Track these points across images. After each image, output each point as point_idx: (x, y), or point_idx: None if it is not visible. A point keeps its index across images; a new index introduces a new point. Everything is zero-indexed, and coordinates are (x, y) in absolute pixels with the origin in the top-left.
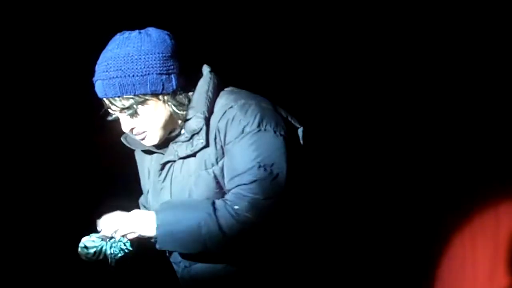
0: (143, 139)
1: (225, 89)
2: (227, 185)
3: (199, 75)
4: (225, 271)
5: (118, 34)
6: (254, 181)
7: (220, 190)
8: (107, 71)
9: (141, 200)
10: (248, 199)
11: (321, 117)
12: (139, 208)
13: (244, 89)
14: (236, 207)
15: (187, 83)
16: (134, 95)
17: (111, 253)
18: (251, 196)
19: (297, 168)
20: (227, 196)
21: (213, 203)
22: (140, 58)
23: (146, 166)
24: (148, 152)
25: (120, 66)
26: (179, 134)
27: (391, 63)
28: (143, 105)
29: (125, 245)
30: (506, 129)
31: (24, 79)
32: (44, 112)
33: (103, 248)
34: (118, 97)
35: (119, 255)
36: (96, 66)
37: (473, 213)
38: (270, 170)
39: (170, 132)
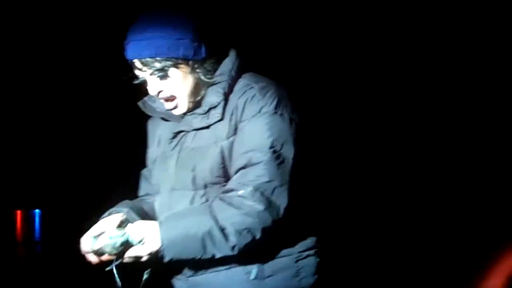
0: (174, 108)
1: (247, 72)
2: (236, 159)
3: (225, 55)
4: (229, 273)
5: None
6: (261, 162)
7: (223, 166)
8: (144, 32)
9: (144, 172)
10: (252, 184)
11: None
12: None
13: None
14: (240, 191)
15: (215, 57)
16: (167, 57)
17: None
18: (255, 180)
19: (305, 157)
20: (230, 184)
21: (212, 208)
22: (176, 23)
23: (158, 134)
24: (163, 120)
25: (157, 28)
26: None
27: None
28: (173, 68)
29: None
30: None
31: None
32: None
33: (130, 238)
34: (151, 58)
35: (142, 241)
36: (132, 28)
37: None
38: (279, 153)
39: (198, 101)
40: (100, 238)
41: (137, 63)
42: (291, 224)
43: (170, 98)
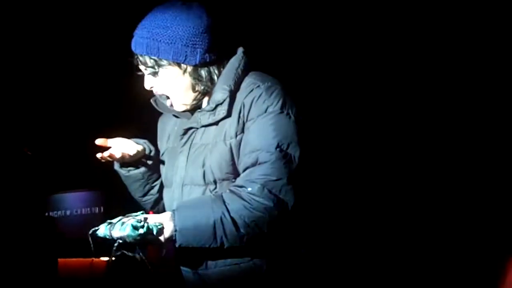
0: (171, 105)
1: (254, 71)
2: (242, 158)
3: (232, 55)
4: (239, 269)
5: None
6: (268, 161)
7: (233, 163)
8: (142, 30)
9: None
10: (260, 181)
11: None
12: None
13: None
14: (249, 189)
15: (217, 61)
16: (158, 58)
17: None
18: (262, 178)
19: (309, 156)
20: (238, 181)
21: (224, 199)
22: (171, 27)
23: (168, 130)
24: (174, 117)
25: (152, 29)
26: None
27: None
28: (163, 69)
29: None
30: None
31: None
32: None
33: (150, 225)
34: (144, 55)
35: (160, 228)
36: (140, 22)
37: None
38: (285, 152)
39: (197, 103)
40: (120, 227)
41: (136, 56)
42: (296, 220)
43: (165, 96)
